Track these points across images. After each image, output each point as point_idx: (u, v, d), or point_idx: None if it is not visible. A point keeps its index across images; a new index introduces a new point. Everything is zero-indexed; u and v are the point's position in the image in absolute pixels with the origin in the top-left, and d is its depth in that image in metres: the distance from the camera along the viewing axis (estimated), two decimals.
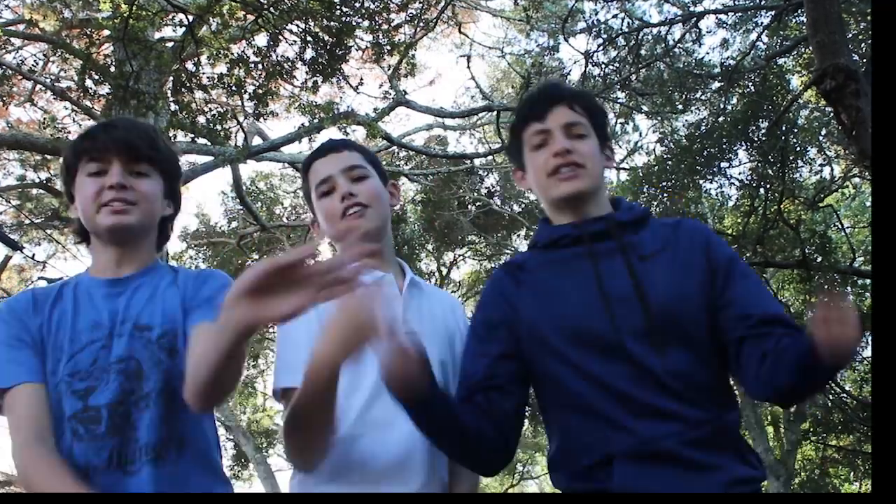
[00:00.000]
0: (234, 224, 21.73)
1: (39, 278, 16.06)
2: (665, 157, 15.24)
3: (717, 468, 2.16)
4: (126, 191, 2.44)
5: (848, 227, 17.82)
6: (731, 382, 2.42)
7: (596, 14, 15.10)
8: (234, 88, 12.63)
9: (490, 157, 20.10)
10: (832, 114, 9.02)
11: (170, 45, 13.20)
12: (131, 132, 2.51)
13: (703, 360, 2.28)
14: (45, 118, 13.95)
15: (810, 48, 9.24)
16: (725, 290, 2.35)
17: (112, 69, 12.44)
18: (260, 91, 12.80)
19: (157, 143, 2.57)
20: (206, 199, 69.14)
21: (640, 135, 20.74)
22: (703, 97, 16.06)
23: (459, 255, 25.02)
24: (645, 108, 17.20)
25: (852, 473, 19.55)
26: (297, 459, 2.42)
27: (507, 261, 2.64)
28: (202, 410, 2.26)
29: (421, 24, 15.19)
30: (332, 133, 16.88)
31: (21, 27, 14.06)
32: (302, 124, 14.12)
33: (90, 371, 2.31)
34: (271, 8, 12.23)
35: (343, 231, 2.63)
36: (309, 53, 13.02)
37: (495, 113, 16.72)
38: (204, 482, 2.39)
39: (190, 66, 12.89)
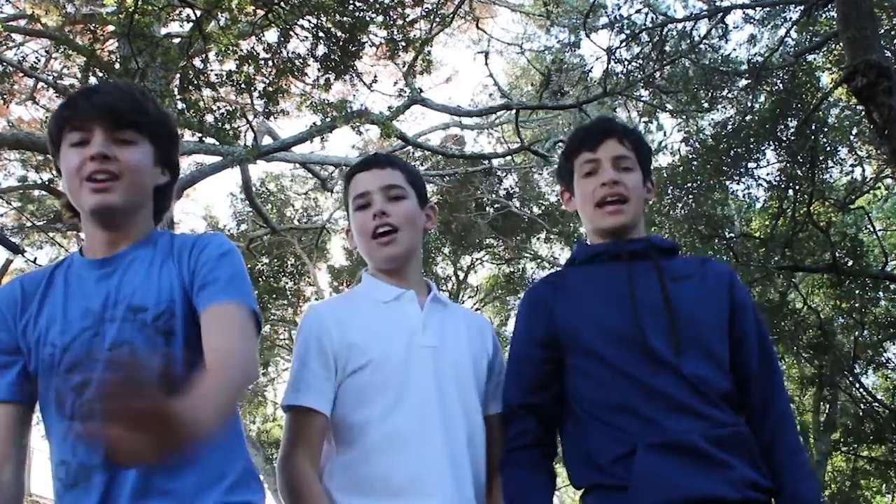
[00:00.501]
0: (243, 226, 21.63)
1: None
2: (690, 157, 15.24)
3: (731, 467, 2.37)
4: (108, 161, 2.26)
5: (880, 230, 17.75)
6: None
7: (618, 9, 15.05)
8: (243, 86, 12.66)
9: (509, 158, 19.93)
10: (863, 112, 9.02)
11: (177, 41, 13.15)
12: (114, 95, 2.34)
13: (722, 372, 2.55)
14: (47, 117, 13.71)
15: (841, 44, 9.34)
16: (737, 335, 2.66)
17: (117, 66, 12.38)
18: (270, 89, 12.78)
19: (145, 105, 2.39)
20: (215, 200, 69.49)
21: (665, 134, 20.76)
22: (729, 95, 15.97)
23: (477, 259, 24.86)
24: (669, 106, 17.05)
25: (884, 486, 19.39)
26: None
27: (541, 279, 2.94)
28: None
29: (437, 20, 15.03)
30: (344, 132, 16.67)
31: (23, 22, 13.90)
32: (314, 123, 13.95)
33: (84, 362, 2.19)
34: (282, 3, 12.15)
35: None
36: (321, 50, 13.01)
37: (514, 112, 16.44)
38: (218, 468, 2.24)
39: (198, 62, 12.94)
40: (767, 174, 15.19)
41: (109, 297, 2.26)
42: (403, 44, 13.84)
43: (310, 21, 12.74)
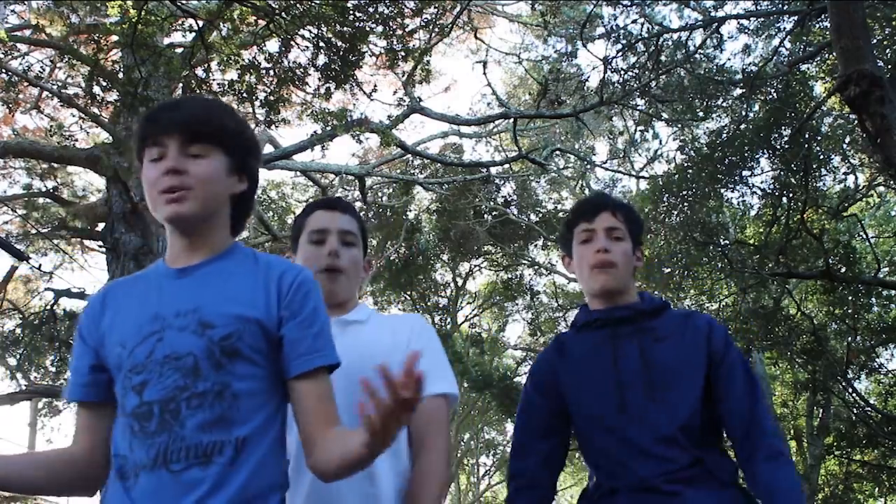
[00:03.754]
0: (245, 233, 21.57)
1: (46, 289, 15.93)
2: (685, 165, 15.23)
3: (687, 498, 2.80)
4: (181, 175, 2.35)
5: (872, 237, 17.75)
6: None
7: (615, 19, 15.04)
8: (244, 95, 12.58)
9: (507, 166, 19.98)
10: (856, 121, 8.97)
11: (179, 50, 13.16)
12: (189, 111, 2.44)
13: (693, 419, 2.93)
14: (51, 126, 13.89)
15: (834, 54, 9.39)
16: (719, 378, 3.04)
17: (120, 75, 12.42)
18: (271, 98, 12.73)
19: (219, 119, 2.45)
20: None
21: (660, 142, 20.78)
22: (724, 104, 16.01)
23: (475, 266, 24.94)
24: (665, 115, 17.16)
25: (877, 489, 19.39)
26: None
27: (554, 338, 3.39)
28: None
29: (436, 30, 15.05)
30: (344, 141, 16.72)
31: (28, 33, 13.93)
32: (314, 132, 14.03)
33: (145, 364, 2.28)
34: (283, 13, 12.13)
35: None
36: (321, 59, 12.94)
37: (512, 120, 16.56)
38: (261, 492, 2.28)
39: (200, 72, 12.87)
40: (762, 182, 15.29)
41: (180, 307, 2.34)
42: (403, 54, 13.81)
43: (310, 31, 12.68)
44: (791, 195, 14.30)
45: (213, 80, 12.70)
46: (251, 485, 2.22)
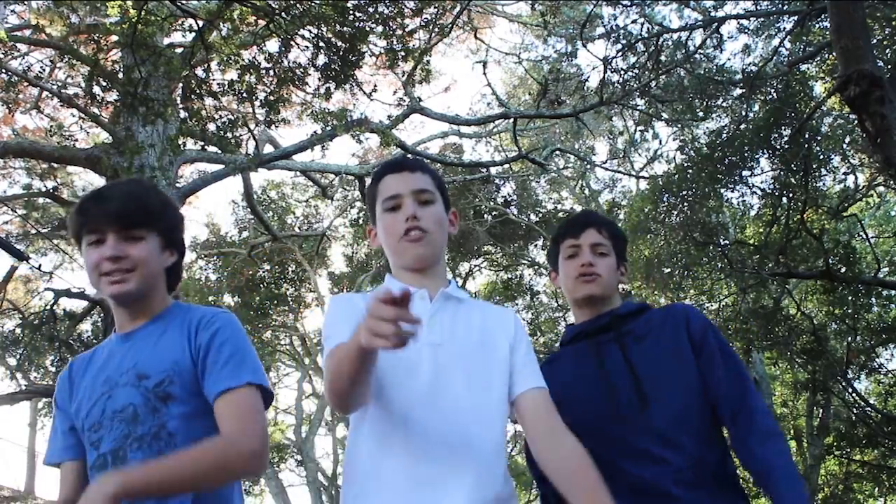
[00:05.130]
0: (244, 234, 21.71)
1: (46, 289, 15.91)
2: (685, 165, 15.21)
3: (684, 502, 2.83)
4: (121, 260, 2.61)
5: (872, 237, 17.75)
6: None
7: (615, 19, 15.03)
8: (244, 95, 12.59)
9: (507, 166, 19.97)
10: (856, 121, 8.92)
11: (179, 50, 13.16)
12: (121, 202, 2.66)
13: (688, 412, 2.99)
14: (51, 126, 13.88)
15: (834, 54, 9.40)
16: (702, 366, 3.09)
17: (120, 75, 12.39)
18: (271, 98, 12.73)
19: (150, 204, 2.72)
20: (217, 208, 69.51)
21: (660, 142, 20.76)
22: (724, 104, 16.00)
23: (475, 266, 24.92)
24: (665, 115, 17.15)
25: (877, 489, 19.39)
26: (336, 405, 2.54)
27: (545, 358, 3.40)
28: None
29: (436, 30, 15.05)
30: (344, 141, 16.71)
31: (28, 33, 13.91)
32: (314, 132, 14.01)
33: (100, 421, 2.55)
34: (283, 13, 12.13)
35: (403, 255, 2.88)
36: (321, 59, 12.94)
37: (512, 120, 16.56)
38: None
39: (200, 72, 12.89)
40: (761, 182, 15.31)
41: (123, 366, 2.62)
42: (403, 54, 13.81)
43: (310, 31, 12.69)
44: (791, 195, 14.29)
45: (213, 79, 12.71)
46: None
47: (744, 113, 15.04)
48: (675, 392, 3.01)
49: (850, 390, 16.78)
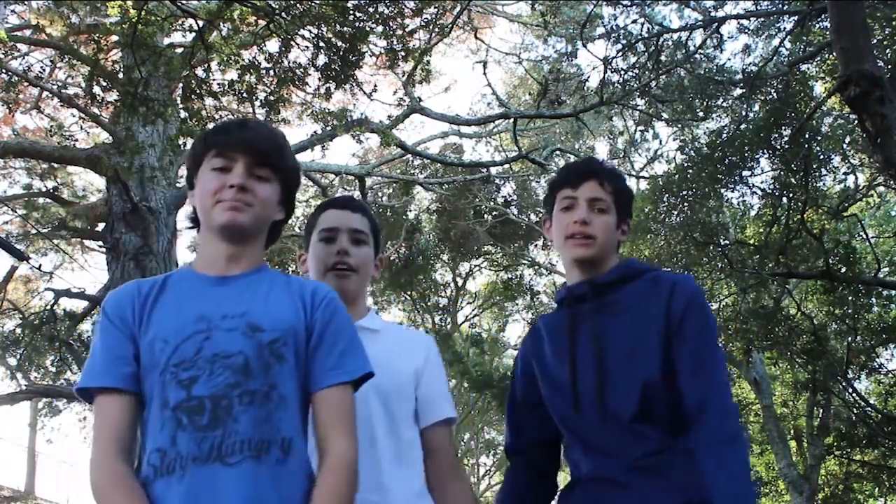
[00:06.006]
0: None
1: (46, 289, 15.95)
2: (686, 165, 15.21)
3: (638, 491, 2.65)
4: (245, 192, 2.50)
5: (872, 237, 17.74)
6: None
7: (615, 19, 15.03)
8: (245, 95, 12.55)
9: (507, 166, 19.97)
10: (856, 121, 8.94)
11: (179, 50, 13.13)
12: (261, 135, 2.59)
13: (646, 397, 2.71)
14: (51, 126, 13.87)
15: (834, 54, 9.42)
16: (673, 350, 2.77)
17: (120, 75, 12.42)
18: (272, 98, 12.70)
19: (284, 151, 2.65)
20: None
21: (660, 142, 20.74)
22: (724, 104, 15.98)
23: (475, 266, 24.95)
24: (665, 115, 17.16)
25: (877, 489, 19.40)
26: None
27: (532, 325, 3.22)
28: None
29: (436, 30, 15.01)
30: (344, 141, 16.70)
31: (28, 33, 13.93)
32: (314, 132, 14.06)
33: (194, 360, 2.34)
34: (283, 13, 12.10)
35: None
36: (322, 59, 12.91)
37: (512, 120, 16.56)
38: (304, 491, 2.37)
39: (200, 72, 12.82)
40: (762, 182, 15.25)
41: (225, 310, 2.44)
42: (403, 54, 13.78)
43: (311, 31, 12.66)
44: (791, 195, 14.28)
45: (213, 80, 12.69)
46: (294, 484, 2.33)
47: (744, 113, 15.03)
48: (636, 379, 2.72)
49: (851, 390, 16.80)
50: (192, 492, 2.21)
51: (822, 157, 14.52)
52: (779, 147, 13.94)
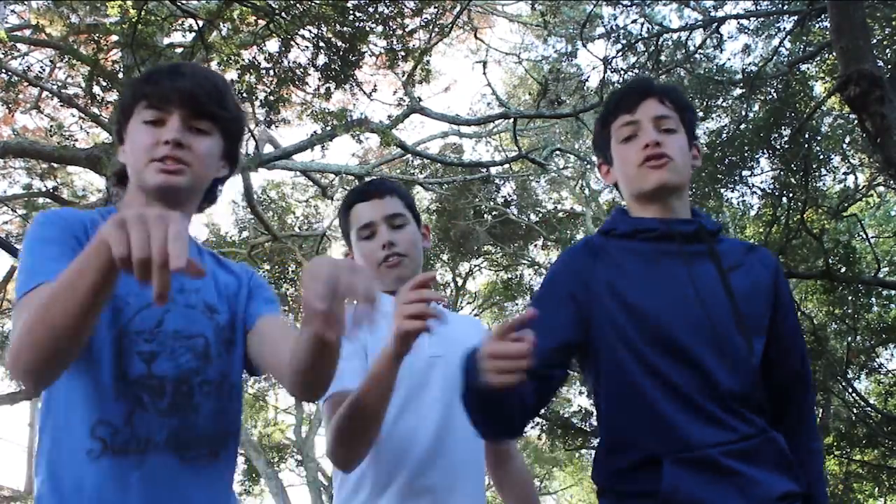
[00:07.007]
0: (244, 234, 21.65)
1: None
2: None
3: (757, 482, 2.18)
4: (182, 149, 2.18)
5: (872, 237, 17.68)
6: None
7: (615, 19, 15.00)
8: (245, 95, 12.56)
9: (507, 166, 19.95)
10: (856, 121, 8.90)
11: (179, 50, 13.15)
12: (198, 82, 2.24)
13: (758, 368, 2.34)
14: (51, 126, 13.86)
15: (834, 54, 9.30)
16: (776, 327, 2.44)
17: (120, 75, 12.40)
18: (271, 98, 12.72)
19: (225, 98, 2.31)
20: (217, 208, 68.96)
21: None
22: (724, 104, 15.94)
23: (475, 266, 24.91)
24: None
25: (877, 489, 19.36)
26: (343, 458, 2.54)
27: (583, 239, 2.58)
28: (309, 400, 2.20)
29: (436, 30, 15.03)
30: (344, 141, 16.67)
31: (28, 33, 13.94)
32: (314, 132, 14.04)
33: (154, 333, 2.09)
34: (283, 13, 12.11)
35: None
36: (321, 59, 12.94)
37: (512, 120, 16.56)
38: (231, 490, 2.27)
39: None
40: (761, 182, 15.19)
41: (184, 283, 2.19)
42: (403, 53, 13.81)
43: (310, 31, 12.68)
44: (791, 195, 14.24)
45: None
46: (232, 479, 2.24)
47: (744, 113, 14.99)
48: (757, 343, 2.35)
49: (850, 390, 16.77)
50: (152, 482, 2.00)
51: (821, 156, 14.50)
52: (779, 147, 13.91)
